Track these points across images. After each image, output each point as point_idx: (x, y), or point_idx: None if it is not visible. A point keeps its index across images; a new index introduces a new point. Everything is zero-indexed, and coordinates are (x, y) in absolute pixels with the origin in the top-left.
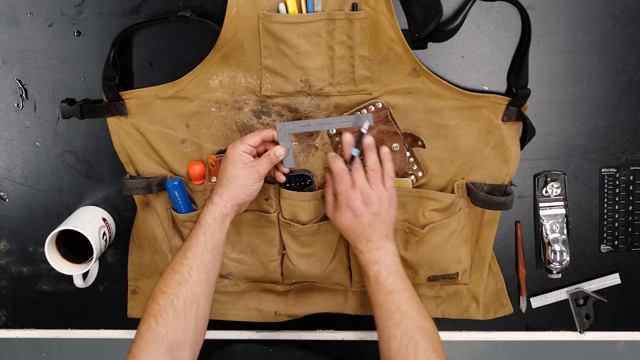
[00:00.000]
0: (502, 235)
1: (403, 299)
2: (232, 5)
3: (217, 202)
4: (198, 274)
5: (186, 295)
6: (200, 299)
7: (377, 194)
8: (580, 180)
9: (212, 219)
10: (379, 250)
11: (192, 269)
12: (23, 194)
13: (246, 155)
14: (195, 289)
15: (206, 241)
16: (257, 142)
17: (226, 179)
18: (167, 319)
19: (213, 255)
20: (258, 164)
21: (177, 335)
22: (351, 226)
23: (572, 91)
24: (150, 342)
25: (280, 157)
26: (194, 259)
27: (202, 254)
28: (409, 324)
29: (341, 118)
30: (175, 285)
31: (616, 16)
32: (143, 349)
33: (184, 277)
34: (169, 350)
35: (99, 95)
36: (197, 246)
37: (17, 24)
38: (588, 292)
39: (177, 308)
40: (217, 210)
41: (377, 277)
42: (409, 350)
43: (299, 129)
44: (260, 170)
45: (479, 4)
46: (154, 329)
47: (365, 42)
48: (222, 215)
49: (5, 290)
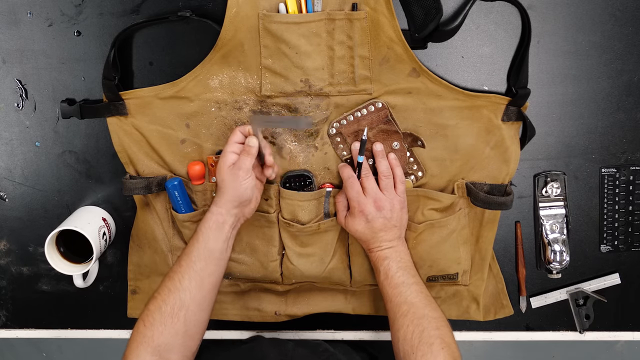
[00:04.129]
0: (502, 235)
1: (411, 291)
2: (232, 5)
3: (213, 210)
4: (189, 282)
5: (174, 302)
6: (189, 306)
7: (389, 198)
8: (580, 180)
9: (206, 227)
10: (390, 249)
11: (183, 277)
12: (23, 194)
13: (232, 156)
14: (184, 296)
15: (199, 249)
16: (241, 137)
17: (218, 186)
18: (154, 323)
19: (206, 263)
20: (239, 161)
21: (163, 339)
22: (364, 230)
23: (572, 91)
24: (138, 343)
25: (254, 145)
26: (187, 267)
27: (195, 262)
28: (415, 313)
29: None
30: (166, 292)
31: (616, 16)
32: (132, 349)
33: (174, 285)
34: (156, 352)
35: (99, 95)
36: (191, 254)
37: (17, 24)
38: (588, 292)
39: (164, 313)
40: (211, 218)
41: (387, 271)
42: (414, 337)
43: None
44: (242, 166)
45: (479, 4)
46: (142, 332)
47: (365, 42)
48: (217, 223)
49: (5, 290)
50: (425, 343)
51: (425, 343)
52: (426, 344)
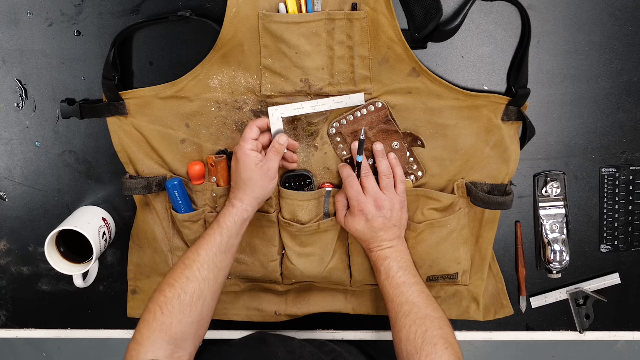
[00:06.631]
0: (502, 235)
1: (412, 291)
2: (232, 5)
3: (238, 206)
4: (208, 273)
5: (193, 291)
6: (207, 297)
7: (389, 198)
8: (580, 180)
9: (232, 222)
10: (391, 248)
11: (203, 267)
12: (23, 194)
13: (255, 154)
14: (204, 287)
15: (222, 243)
16: (257, 133)
17: (243, 182)
18: (173, 312)
19: (226, 257)
20: (268, 161)
21: (181, 328)
22: (364, 230)
23: (572, 91)
24: (154, 330)
25: (285, 144)
26: (207, 257)
27: (216, 254)
28: (417, 314)
29: (334, 99)
30: (185, 281)
31: (616, 16)
32: (147, 336)
33: (193, 274)
34: (172, 340)
35: (99, 95)
36: (212, 246)
37: (17, 24)
38: (588, 292)
39: (184, 302)
40: (237, 214)
41: (388, 271)
42: (418, 337)
43: (292, 112)
44: (272, 167)
45: (479, 4)
46: (159, 319)
47: (365, 42)
48: (242, 219)
49: (5, 290)
50: (429, 343)
51: (429, 343)
52: (430, 344)
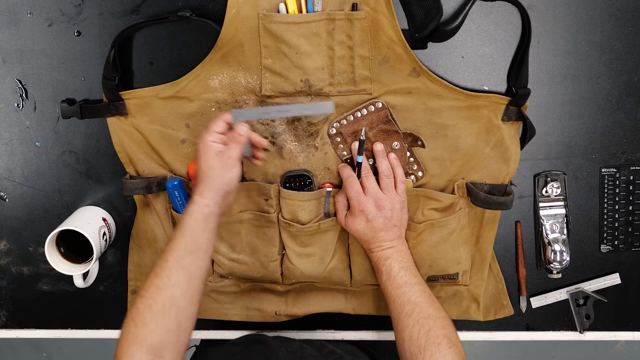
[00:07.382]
0: (502, 235)
1: (414, 291)
2: (232, 5)
3: (199, 201)
4: (177, 278)
5: (164, 299)
6: (180, 302)
7: (390, 198)
8: (580, 180)
9: (193, 219)
10: (391, 248)
11: (171, 272)
12: (23, 194)
13: (216, 145)
14: (174, 292)
15: (187, 243)
16: (223, 127)
17: (204, 174)
18: (146, 323)
19: (195, 257)
20: (228, 149)
21: (157, 337)
22: (364, 230)
23: (572, 91)
24: (131, 344)
25: (245, 134)
26: (174, 262)
27: (182, 257)
28: (420, 313)
29: (301, 105)
30: (154, 289)
31: (616, 16)
32: (125, 350)
33: (162, 281)
34: (151, 350)
35: (99, 95)
36: (177, 249)
37: (17, 24)
38: (588, 292)
39: (155, 312)
40: (198, 210)
41: (389, 271)
42: (421, 337)
43: (256, 115)
44: (232, 155)
45: (479, 4)
46: (133, 332)
47: (365, 42)
48: (203, 215)
49: (5, 290)
50: (433, 343)
51: (432, 343)
52: (433, 344)
